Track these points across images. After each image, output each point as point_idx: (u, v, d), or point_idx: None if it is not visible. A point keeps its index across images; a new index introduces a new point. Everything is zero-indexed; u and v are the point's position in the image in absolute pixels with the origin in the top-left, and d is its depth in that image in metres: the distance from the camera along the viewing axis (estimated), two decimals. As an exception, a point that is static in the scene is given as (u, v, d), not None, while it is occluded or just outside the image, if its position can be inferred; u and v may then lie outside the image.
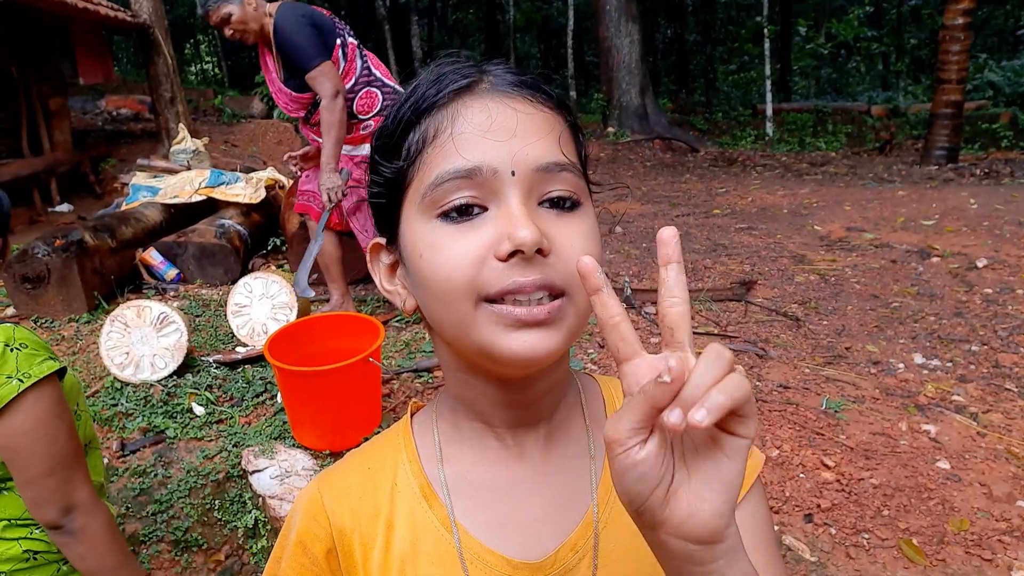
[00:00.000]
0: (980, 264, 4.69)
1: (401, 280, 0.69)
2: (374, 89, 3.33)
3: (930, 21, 17.70)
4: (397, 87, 3.41)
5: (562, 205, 0.62)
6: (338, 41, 3.26)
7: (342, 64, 3.27)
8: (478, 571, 0.68)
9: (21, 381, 1.23)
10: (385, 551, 0.70)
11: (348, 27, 3.38)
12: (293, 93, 3.35)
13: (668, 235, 0.50)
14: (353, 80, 3.30)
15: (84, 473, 1.32)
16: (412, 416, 0.78)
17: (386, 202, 0.66)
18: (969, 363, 3.30)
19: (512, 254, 0.57)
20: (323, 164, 3.23)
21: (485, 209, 0.60)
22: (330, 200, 3.25)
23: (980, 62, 15.10)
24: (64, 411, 1.30)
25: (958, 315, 3.88)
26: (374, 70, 3.38)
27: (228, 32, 3.29)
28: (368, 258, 0.72)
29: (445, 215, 0.60)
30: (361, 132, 3.35)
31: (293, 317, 3.23)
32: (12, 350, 1.26)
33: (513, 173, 0.59)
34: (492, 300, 0.59)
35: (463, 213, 0.59)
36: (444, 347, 0.69)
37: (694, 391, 0.45)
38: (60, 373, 1.32)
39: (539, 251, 0.58)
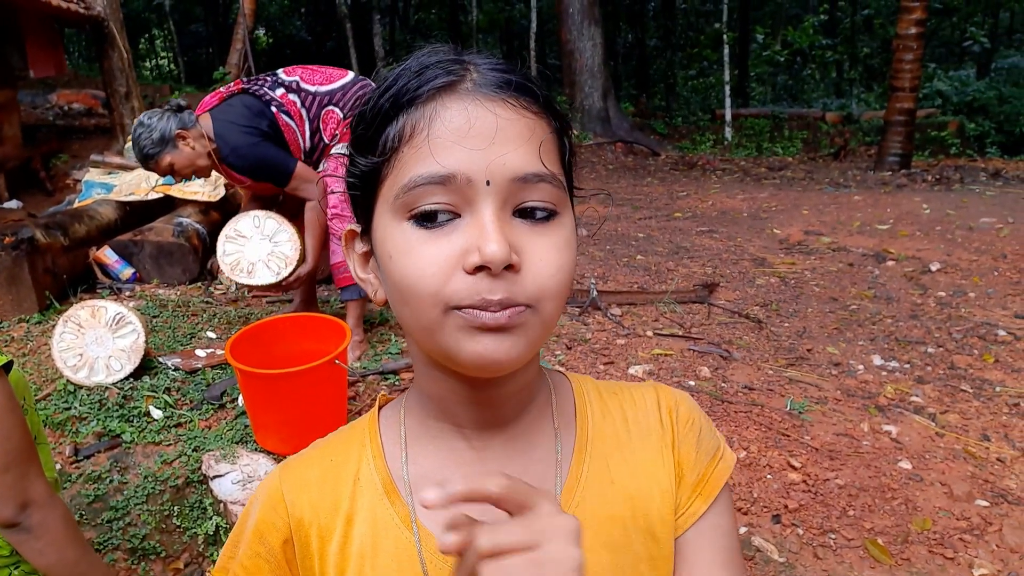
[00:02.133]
0: (933, 268, 4.82)
1: (374, 270, 0.68)
2: (331, 107, 3.14)
3: (882, 31, 18.17)
4: (346, 79, 3.20)
5: (537, 215, 0.60)
6: (273, 109, 3.04)
7: (292, 123, 3.09)
8: (437, 569, 0.67)
9: None
10: (343, 545, 0.69)
11: (264, 78, 3.15)
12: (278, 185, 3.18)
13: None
14: (307, 121, 3.13)
15: (38, 468, 1.27)
16: (379, 409, 0.77)
17: (359, 194, 0.64)
18: (926, 364, 3.38)
19: (480, 268, 0.56)
20: (307, 262, 3.18)
21: (458, 215, 0.58)
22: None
23: (929, 72, 15.54)
24: (15, 406, 1.24)
25: (914, 317, 3.97)
26: (320, 89, 3.14)
27: (178, 180, 3.15)
28: (343, 244, 0.71)
29: (416, 219, 0.59)
30: (331, 144, 3.20)
31: (285, 273, 3.07)
32: None
33: (488, 183, 0.57)
34: (459, 308, 0.58)
35: (434, 219, 0.58)
36: (414, 342, 0.68)
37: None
38: (6, 367, 1.27)
39: (509, 266, 0.57)
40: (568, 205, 0.64)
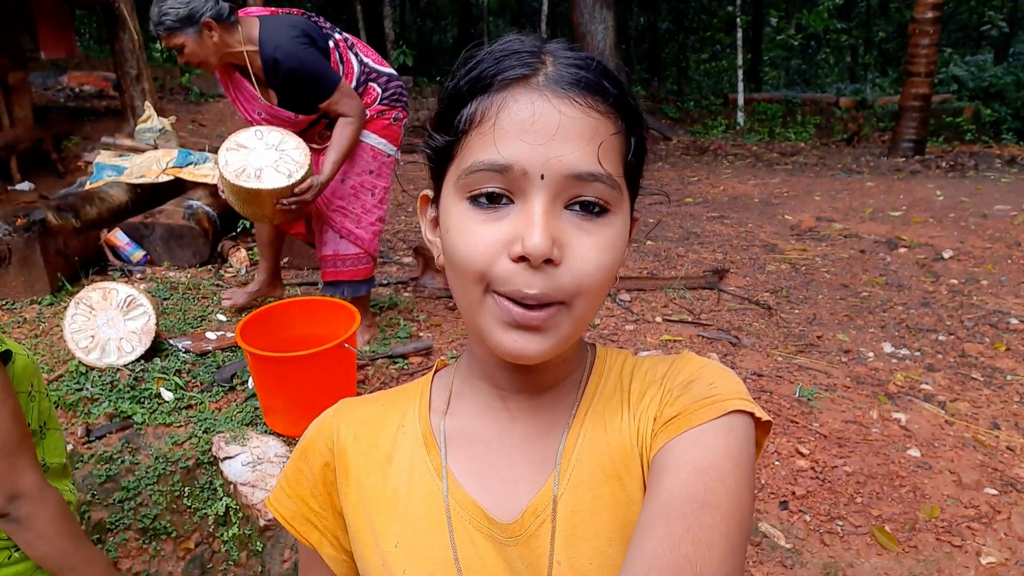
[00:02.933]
0: (946, 255, 4.78)
1: (440, 236, 0.72)
2: (372, 84, 3.06)
3: (898, 15, 17.95)
4: (391, 71, 3.14)
5: (590, 210, 0.62)
6: (331, 44, 2.96)
7: (341, 68, 2.97)
8: (458, 518, 0.72)
9: None
10: (381, 481, 0.75)
11: (328, 23, 3.08)
12: (296, 115, 3.02)
13: None
14: (354, 81, 3.02)
15: (31, 459, 1.27)
16: (435, 372, 0.83)
17: (435, 167, 0.69)
18: (937, 352, 3.36)
19: (523, 257, 0.60)
20: (324, 173, 2.91)
21: (512, 201, 0.62)
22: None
23: (945, 56, 15.35)
24: (7, 396, 1.24)
25: (925, 305, 3.94)
26: (369, 62, 3.09)
27: (180, 60, 2.92)
28: (419, 205, 0.76)
29: (473, 199, 0.63)
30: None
31: (298, 176, 2.78)
32: None
33: (542, 177, 0.60)
34: (499, 293, 0.62)
35: (489, 202, 0.62)
36: None
37: None
38: (4, 357, 1.27)
39: (549, 260, 0.60)
40: (623, 205, 0.66)
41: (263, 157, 2.82)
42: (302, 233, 3.40)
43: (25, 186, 7.14)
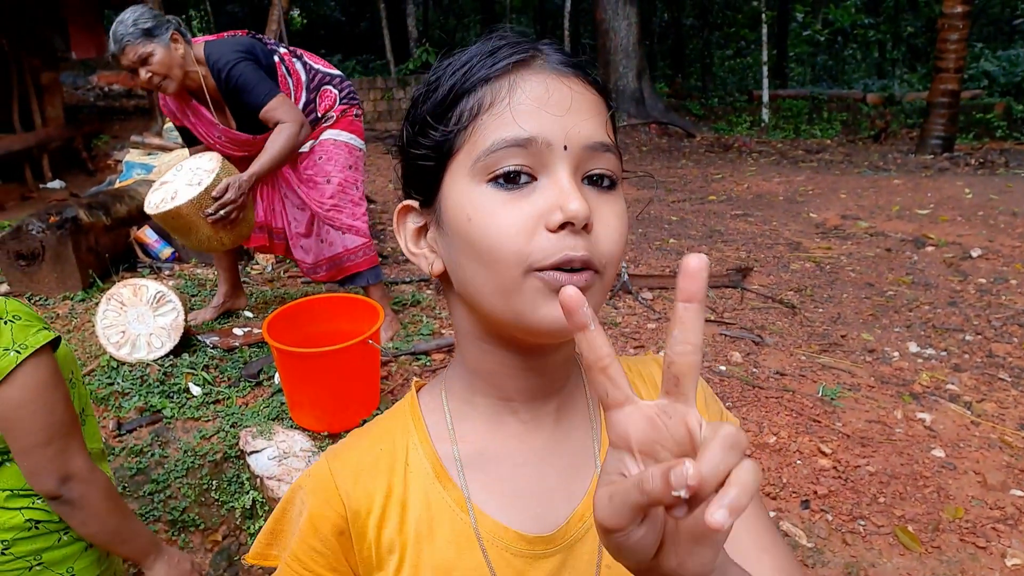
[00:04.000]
0: (974, 254, 4.72)
1: (430, 243, 0.70)
2: (327, 87, 3.16)
3: (927, 9, 17.66)
4: (339, 73, 3.24)
5: (602, 183, 0.64)
6: (275, 59, 3.02)
7: (289, 81, 3.05)
8: (495, 550, 0.69)
9: (19, 352, 1.23)
10: (399, 529, 0.70)
11: (272, 39, 3.16)
12: (254, 136, 3.04)
13: (695, 266, 0.46)
14: (304, 89, 3.10)
15: (80, 442, 1.32)
16: (417, 393, 0.78)
17: (433, 164, 0.66)
18: (963, 352, 3.32)
19: (563, 226, 0.59)
20: (254, 172, 2.80)
21: (534, 179, 0.62)
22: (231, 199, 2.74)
23: (976, 51, 15.09)
24: (59, 381, 1.30)
25: (952, 304, 3.90)
26: (319, 67, 3.18)
27: (144, 75, 2.84)
28: (395, 220, 0.72)
29: (496, 180, 0.62)
30: (324, 125, 3.18)
31: (208, 181, 2.68)
32: (6, 322, 1.25)
33: (565, 148, 0.61)
34: (540, 270, 0.61)
35: (513, 180, 0.61)
36: (467, 315, 0.70)
37: (707, 486, 0.41)
38: (54, 344, 1.32)
39: (584, 226, 0.60)
40: (621, 180, 0.68)
41: (179, 181, 2.82)
42: (266, 245, 3.43)
43: (56, 184, 7.29)
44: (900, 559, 1.99)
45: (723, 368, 3.04)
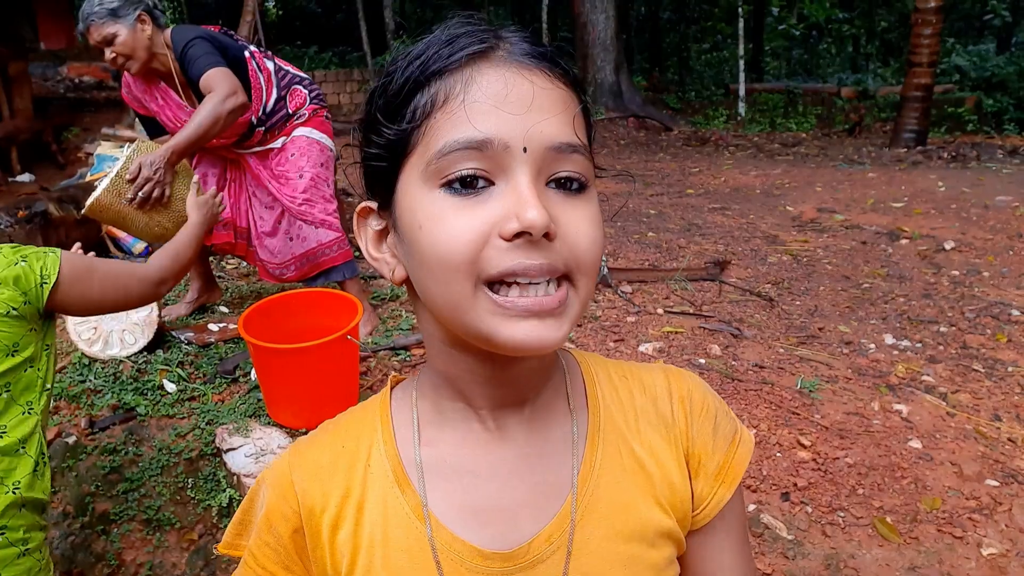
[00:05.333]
0: (948, 246, 4.78)
1: (391, 248, 0.66)
2: (297, 86, 3.14)
3: (900, 4, 17.87)
4: (306, 75, 3.23)
5: (569, 187, 0.60)
6: (246, 54, 2.97)
7: (260, 76, 3.00)
8: (449, 562, 0.66)
9: (54, 253, 1.50)
10: (353, 533, 0.67)
11: (243, 39, 3.12)
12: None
13: None
14: (275, 85, 3.06)
15: (133, 268, 1.70)
16: (391, 390, 0.75)
17: (386, 165, 0.62)
18: (938, 344, 3.36)
19: (518, 235, 0.55)
20: (171, 145, 2.62)
21: (491, 183, 0.57)
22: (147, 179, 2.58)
23: (947, 46, 15.27)
24: (87, 259, 1.59)
25: (927, 296, 3.95)
26: (288, 68, 3.17)
27: (109, 56, 2.81)
28: (355, 222, 0.69)
29: (449, 185, 0.57)
30: (296, 122, 3.15)
31: (120, 165, 2.56)
32: (20, 261, 1.44)
33: (525, 150, 0.56)
34: (492, 283, 0.57)
35: (468, 185, 0.57)
36: (430, 320, 0.66)
37: None
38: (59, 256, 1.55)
39: (545, 235, 0.56)
40: (594, 180, 0.63)
41: (107, 177, 2.65)
42: (230, 242, 3.33)
43: (25, 177, 7.15)
44: (879, 550, 2.00)
45: (702, 361, 3.05)
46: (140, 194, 2.59)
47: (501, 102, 0.57)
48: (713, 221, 5.64)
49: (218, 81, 2.72)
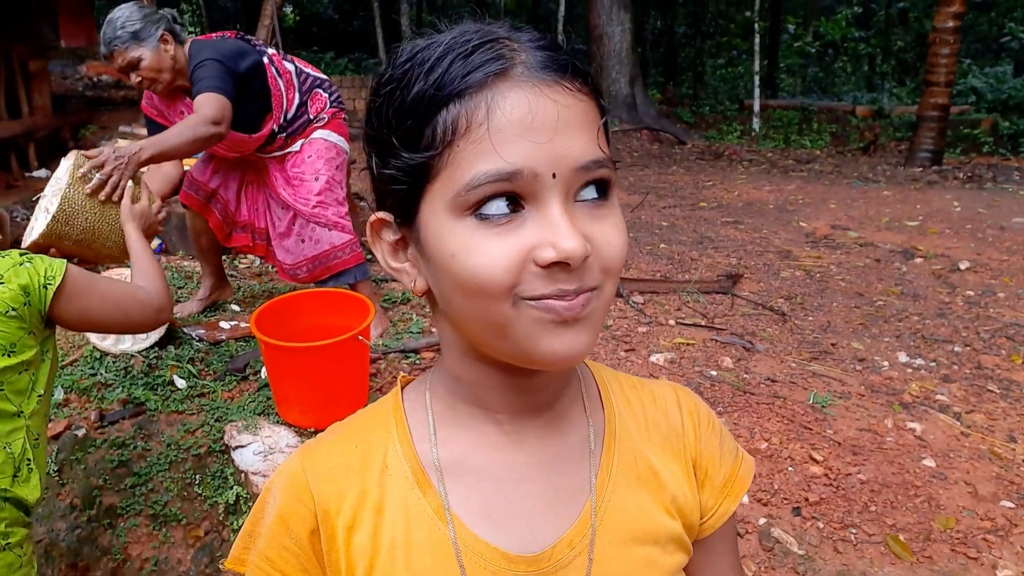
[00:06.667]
0: (963, 266, 4.74)
1: (412, 259, 0.64)
2: (318, 89, 3.15)
3: (917, 24, 17.84)
4: (325, 76, 3.23)
5: (596, 197, 0.60)
6: (264, 60, 2.96)
7: (280, 81, 3.00)
8: (473, 564, 0.65)
9: (60, 262, 1.51)
10: (373, 536, 0.66)
11: (260, 41, 3.10)
12: (249, 135, 2.99)
13: None
14: (296, 90, 3.07)
15: (134, 290, 1.69)
16: (402, 390, 0.74)
17: (406, 188, 0.60)
18: (952, 363, 3.33)
19: (554, 263, 0.55)
20: (142, 143, 2.46)
21: (522, 208, 0.56)
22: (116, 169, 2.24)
23: (964, 67, 15.23)
24: (93, 277, 1.59)
25: (941, 316, 3.91)
26: (308, 70, 3.17)
27: (135, 79, 2.80)
28: (368, 234, 0.67)
29: (479, 213, 0.56)
30: (315, 125, 3.16)
31: (64, 178, 2.16)
32: (26, 262, 1.45)
33: (554, 176, 0.56)
34: (529, 298, 0.57)
35: (500, 213, 0.56)
36: (450, 328, 0.65)
37: None
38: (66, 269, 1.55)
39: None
40: (616, 183, 0.63)
41: (46, 200, 2.21)
42: (248, 245, 3.39)
43: (42, 173, 7.20)
44: (891, 568, 1.98)
45: (714, 373, 3.03)
46: (100, 178, 2.19)
47: (527, 129, 0.55)
48: (726, 235, 5.62)
49: (208, 105, 2.66)
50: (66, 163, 2.25)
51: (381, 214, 0.65)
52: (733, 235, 5.61)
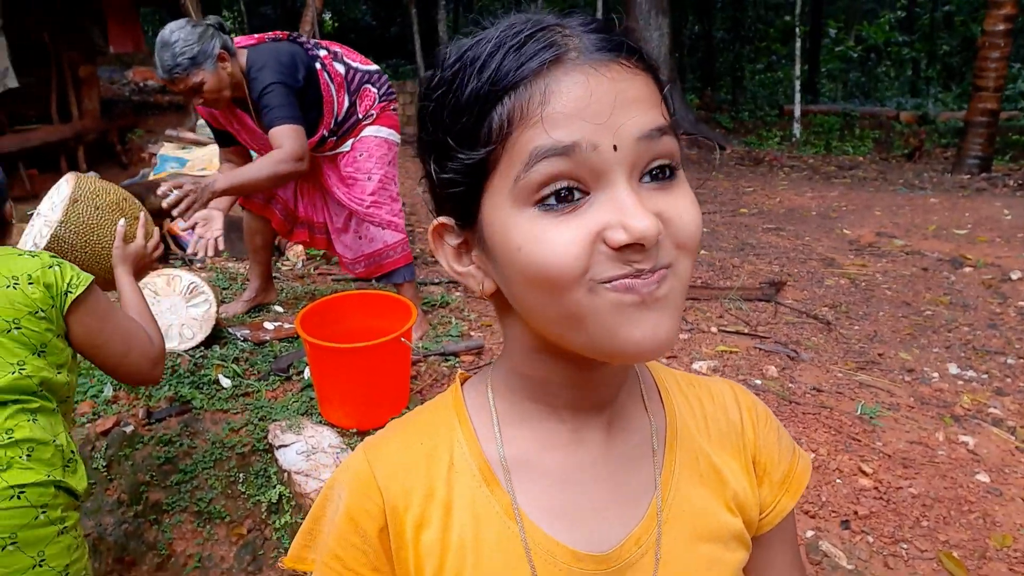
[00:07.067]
0: (1014, 276, 4.61)
1: (477, 261, 0.63)
2: (368, 85, 3.12)
3: (963, 28, 17.41)
4: (375, 68, 3.18)
5: (663, 175, 0.57)
6: (318, 65, 2.95)
7: (332, 85, 2.99)
8: (543, 562, 0.65)
9: (88, 276, 1.51)
10: (442, 534, 0.65)
11: (312, 41, 3.05)
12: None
13: None
14: (346, 91, 3.06)
15: (143, 336, 1.64)
16: (462, 387, 0.73)
17: (465, 189, 0.59)
18: (1005, 376, 3.23)
19: (626, 245, 0.54)
20: (219, 181, 2.66)
21: (587, 193, 0.55)
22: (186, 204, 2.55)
23: (1013, 72, 14.84)
24: (111, 304, 1.59)
25: (992, 327, 3.80)
26: (358, 66, 3.12)
27: (198, 102, 2.85)
28: (431, 240, 0.66)
29: (543, 202, 0.54)
30: (365, 123, 3.15)
31: (59, 205, 2.04)
32: (55, 266, 1.47)
33: (615, 148, 0.54)
34: (605, 282, 0.55)
35: (563, 199, 0.54)
36: (520, 326, 0.64)
37: None
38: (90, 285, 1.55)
39: None
40: (681, 159, 0.61)
41: (36, 229, 2.10)
42: (307, 240, 3.47)
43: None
44: (945, 585, 1.92)
45: (758, 382, 2.98)
46: (178, 194, 2.54)
47: (583, 109, 0.54)
48: (767, 241, 5.54)
49: (287, 139, 2.72)
50: (58, 195, 2.10)
51: (442, 219, 0.64)
52: (775, 242, 5.53)
